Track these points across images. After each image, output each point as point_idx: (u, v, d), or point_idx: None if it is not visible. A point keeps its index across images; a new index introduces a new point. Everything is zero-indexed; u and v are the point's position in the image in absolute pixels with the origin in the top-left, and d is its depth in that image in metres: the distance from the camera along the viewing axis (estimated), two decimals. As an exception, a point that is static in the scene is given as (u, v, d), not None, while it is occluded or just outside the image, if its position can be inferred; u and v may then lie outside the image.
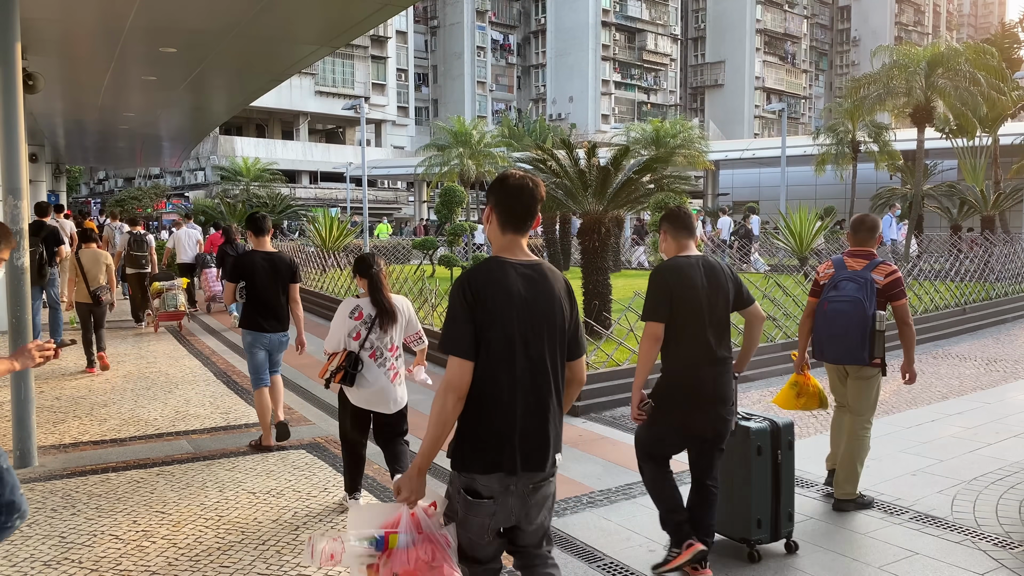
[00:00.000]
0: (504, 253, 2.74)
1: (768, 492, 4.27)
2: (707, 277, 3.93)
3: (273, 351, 6.25)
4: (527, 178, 2.78)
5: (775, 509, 4.29)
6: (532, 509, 2.75)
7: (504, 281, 2.66)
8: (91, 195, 63.78)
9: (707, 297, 3.90)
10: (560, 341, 2.77)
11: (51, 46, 10.38)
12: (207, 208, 30.25)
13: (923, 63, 22.37)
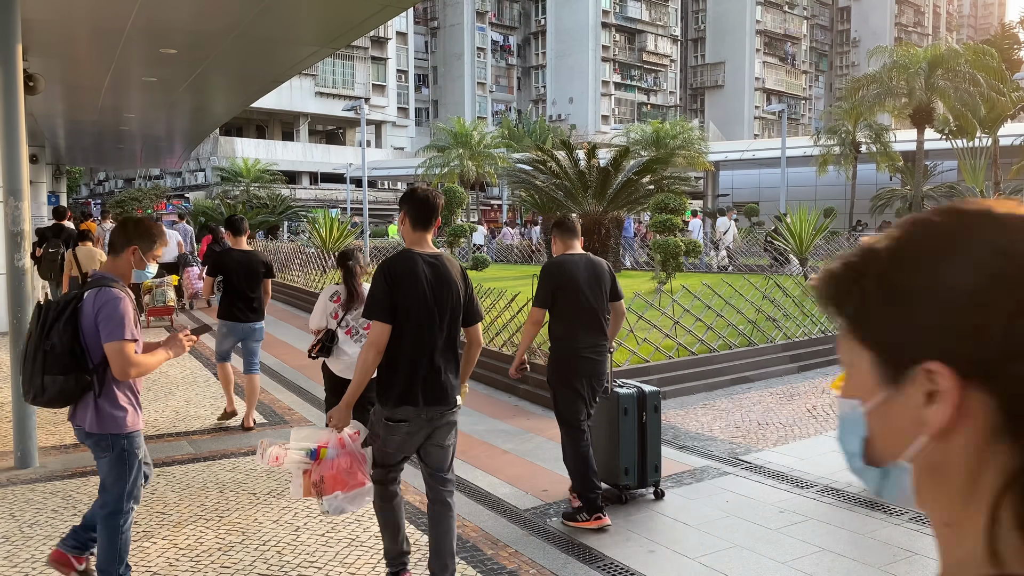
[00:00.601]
0: (415, 247, 3.69)
1: (634, 446, 5.16)
2: (587, 272, 4.76)
3: (246, 338, 7.02)
4: (430, 191, 3.81)
5: (641, 461, 5.18)
6: (438, 432, 3.71)
7: (414, 268, 3.58)
8: (91, 196, 63.78)
9: (588, 288, 4.73)
10: (456, 313, 3.68)
11: (52, 47, 10.39)
12: (207, 209, 30.31)
13: (923, 64, 22.39)
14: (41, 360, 3.42)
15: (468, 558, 4.35)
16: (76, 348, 3.44)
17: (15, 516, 4.93)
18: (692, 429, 7.08)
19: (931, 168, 30.00)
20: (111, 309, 3.42)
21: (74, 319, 3.46)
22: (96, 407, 3.50)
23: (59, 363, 3.41)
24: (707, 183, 41.01)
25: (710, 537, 4.68)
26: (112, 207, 39.70)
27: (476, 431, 7.03)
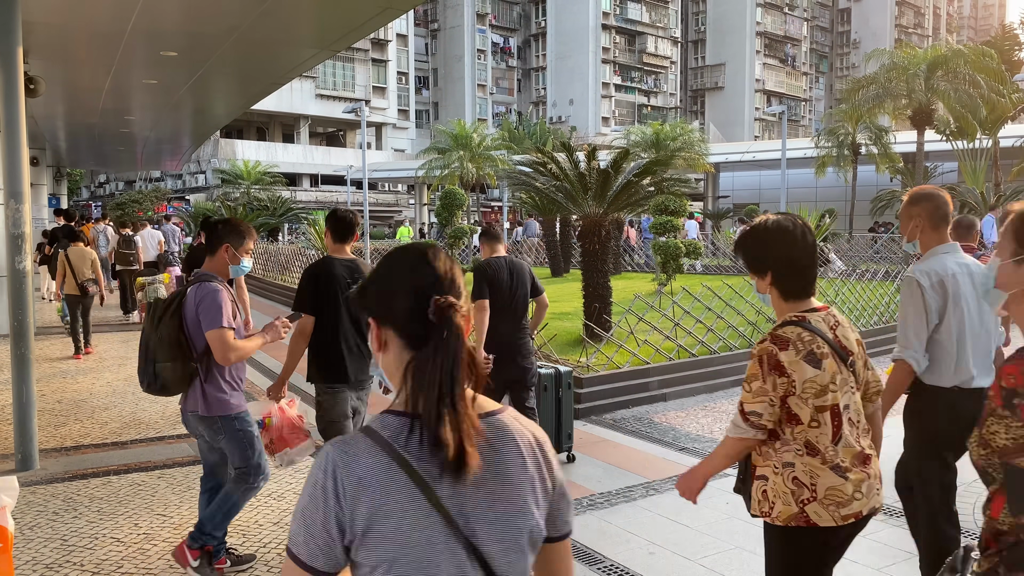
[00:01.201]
0: (335, 254, 4.60)
1: (552, 417, 6.08)
2: (510, 271, 5.49)
3: None
4: (349, 212, 4.68)
5: (557, 430, 6.09)
6: (361, 404, 4.61)
7: (332, 270, 4.45)
8: (92, 198, 63.80)
9: (509, 285, 5.44)
10: None
11: (52, 50, 10.41)
12: (208, 211, 30.31)
13: (922, 65, 22.39)
14: (153, 350, 3.84)
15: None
16: (181, 338, 3.82)
17: (16, 519, 4.93)
18: (692, 431, 7.08)
19: (931, 169, 29.98)
20: (210, 301, 3.78)
21: (179, 312, 3.84)
22: (203, 392, 3.87)
23: (166, 351, 3.82)
24: (707, 185, 41.02)
25: (710, 539, 4.68)
26: (113, 209, 39.72)
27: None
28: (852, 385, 2.55)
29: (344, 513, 1.32)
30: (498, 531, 1.37)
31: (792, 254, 2.53)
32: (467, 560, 1.34)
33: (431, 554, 1.32)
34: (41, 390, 8.32)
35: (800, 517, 2.49)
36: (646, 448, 6.47)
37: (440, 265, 1.45)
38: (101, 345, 11.65)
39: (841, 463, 2.48)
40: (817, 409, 2.45)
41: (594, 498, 5.36)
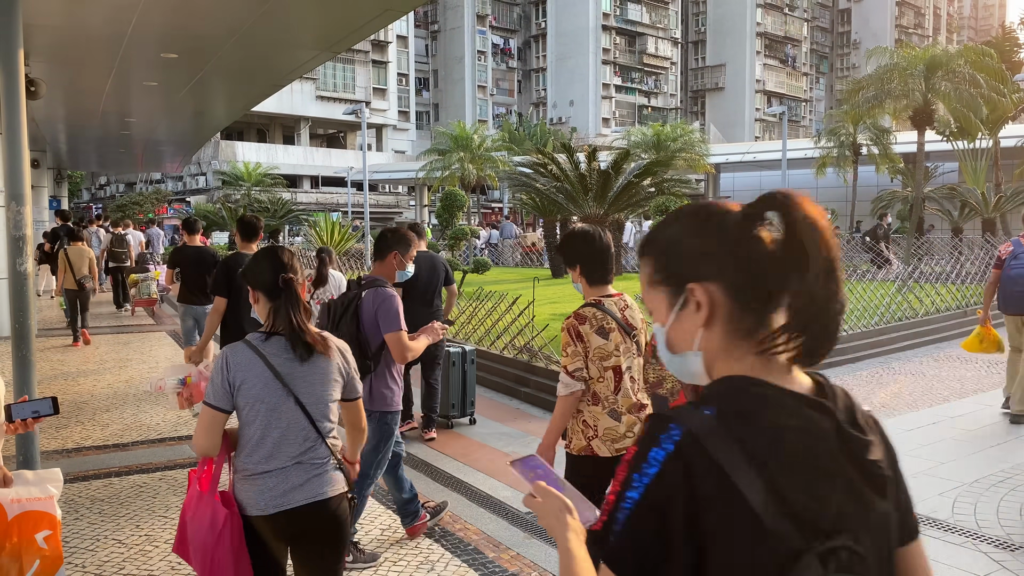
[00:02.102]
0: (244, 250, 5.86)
1: (459, 388, 7.27)
2: (427, 265, 6.60)
3: (199, 319, 8.24)
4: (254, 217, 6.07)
5: (463, 399, 7.30)
6: None
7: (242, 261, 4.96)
8: (92, 200, 63.83)
9: (426, 278, 6.57)
10: None
11: (53, 52, 10.42)
12: (208, 213, 30.33)
13: (921, 65, 22.39)
14: None
15: (470, 561, 4.35)
16: (360, 336, 4.16)
17: (17, 520, 4.94)
18: (693, 431, 7.08)
19: (932, 170, 29.96)
20: (388, 305, 4.13)
21: (356, 313, 4.19)
22: (370, 387, 4.19)
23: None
24: (708, 186, 41.02)
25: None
26: (113, 211, 39.75)
27: (477, 434, 7.03)
28: (634, 352, 3.43)
29: (230, 377, 2.61)
30: (313, 393, 2.68)
31: (592, 252, 3.33)
32: (294, 406, 2.64)
33: (276, 401, 2.63)
34: (42, 392, 8.31)
35: (587, 448, 3.37)
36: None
37: (285, 258, 2.74)
38: (102, 347, 11.69)
39: (617, 409, 3.35)
40: (604, 368, 3.34)
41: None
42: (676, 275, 1.19)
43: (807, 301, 1.08)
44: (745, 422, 1.07)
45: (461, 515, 5.05)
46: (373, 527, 4.86)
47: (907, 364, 10.29)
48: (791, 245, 1.10)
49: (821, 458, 1.09)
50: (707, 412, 1.08)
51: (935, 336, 11.80)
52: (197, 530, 2.60)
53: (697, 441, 1.05)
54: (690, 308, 1.17)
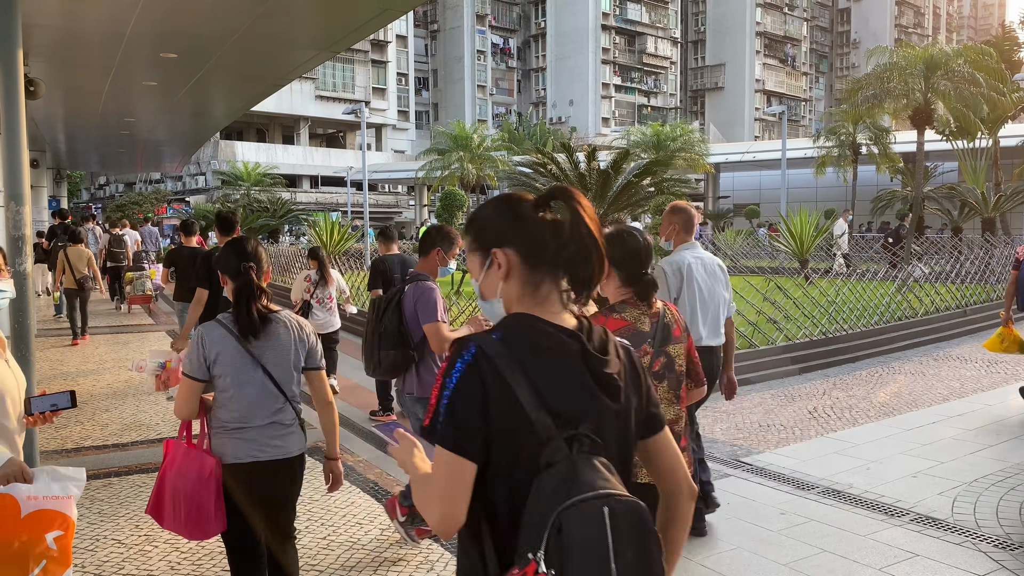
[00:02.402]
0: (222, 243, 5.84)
1: None
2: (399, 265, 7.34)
3: None
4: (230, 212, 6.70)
5: None
6: None
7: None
8: (92, 200, 63.82)
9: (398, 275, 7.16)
10: None
11: (52, 52, 10.41)
12: (208, 213, 30.29)
13: (920, 64, 22.39)
14: (377, 339, 4.42)
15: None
16: (402, 329, 4.36)
17: (17, 520, 4.94)
18: (693, 431, 7.09)
19: (932, 169, 29.97)
20: (427, 298, 4.30)
21: (399, 307, 4.39)
22: (418, 375, 4.39)
23: (390, 340, 4.39)
24: (707, 185, 41.02)
25: (711, 539, 4.68)
26: (113, 211, 39.75)
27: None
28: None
29: (205, 352, 3.02)
30: (276, 361, 3.09)
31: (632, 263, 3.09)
32: (262, 374, 3.06)
33: (247, 369, 3.04)
34: (41, 392, 8.32)
35: None
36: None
37: (250, 249, 3.18)
38: (101, 348, 11.70)
39: None
40: None
41: (595, 498, 5.36)
42: (485, 243, 1.66)
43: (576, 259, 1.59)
44: (518, 342, 1.57)
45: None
46: (372, 527, 4.86)
47: (906, 364, 10.30)
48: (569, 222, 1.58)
49: (568, 369, 1.57)
50: (495, 336, 1.58)
51: (934, 336, 11.80)
52: (185, 482, 3.01)
53: (485, 354, 1.54)
54: (494, 268, 1.64)
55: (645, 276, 2.99)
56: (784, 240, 18.55)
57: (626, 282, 2.97)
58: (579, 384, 1.57)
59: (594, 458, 1.52)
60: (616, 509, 1.45)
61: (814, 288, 11.79)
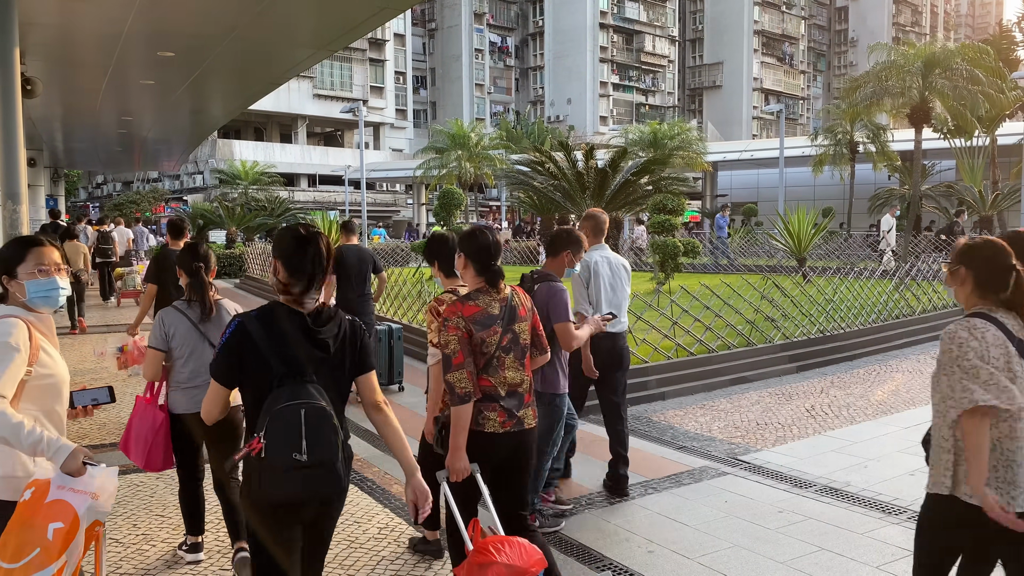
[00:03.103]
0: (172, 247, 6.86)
1: (386, 359, 8.59)
2: (356, 256, 8.21)
3: None
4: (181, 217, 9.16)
5: (390, 368, 8.63)
6: None
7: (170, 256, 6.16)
8: (89, 199, 63.75)
9: (354, 265, 8.11)
10: None
11: (49, 50, 10.40)
12: (206, 212, 30.26)
13: (918, 63, 22.40)
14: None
15: (467, 559, 4.35)
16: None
17: (14, 519, 4.94)
18: (691, 429, 7.09)
19: (929, 167, 29.98)
20: (559, 299, 4.49)
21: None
22: (541, 373, 4.46)
23: None
24: (705, 183, 41.03)
25: (709, 537, 4.68)
26: (111, 210, 39.71)
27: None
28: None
29: (165, 330, 4.07)
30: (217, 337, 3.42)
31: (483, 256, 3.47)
32: (208, 346, 4.07)
33: (196, 342, 4.11)
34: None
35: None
36: (644, 447, 6.47)
37: (202, 252, 4.22)
38: (97, 346, 11.75)
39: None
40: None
41: (592, 497, 5.37)
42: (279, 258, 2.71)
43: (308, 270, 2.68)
44: (263, 316, 2.66)
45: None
46: (371, 525, 4.86)
47: (904, 362, 10.31)
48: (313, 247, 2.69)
49: (291, 333, 2.63)
50: (253, 313, 2.68)
51: (932, 334, 11.81)
52: (142, 429, 4.19)
53: (243, 322, 2.63)
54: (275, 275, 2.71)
55: (493, 267, 3.48)
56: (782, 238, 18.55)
57: (479, 272, 3.47)
58: (299, 343, 2.64)
59: (308, 384, 2.61)
60: (308, 410, 2.57)
61: (812, 286, 11.80)
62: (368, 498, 5.33)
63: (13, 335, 2.65)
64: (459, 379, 3.30)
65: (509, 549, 2.95)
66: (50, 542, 2.50)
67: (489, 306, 3.43)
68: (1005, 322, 2.74)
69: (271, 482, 2.59)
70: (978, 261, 2.86)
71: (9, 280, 2.84)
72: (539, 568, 2.97)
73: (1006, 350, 2.69)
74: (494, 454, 3.42)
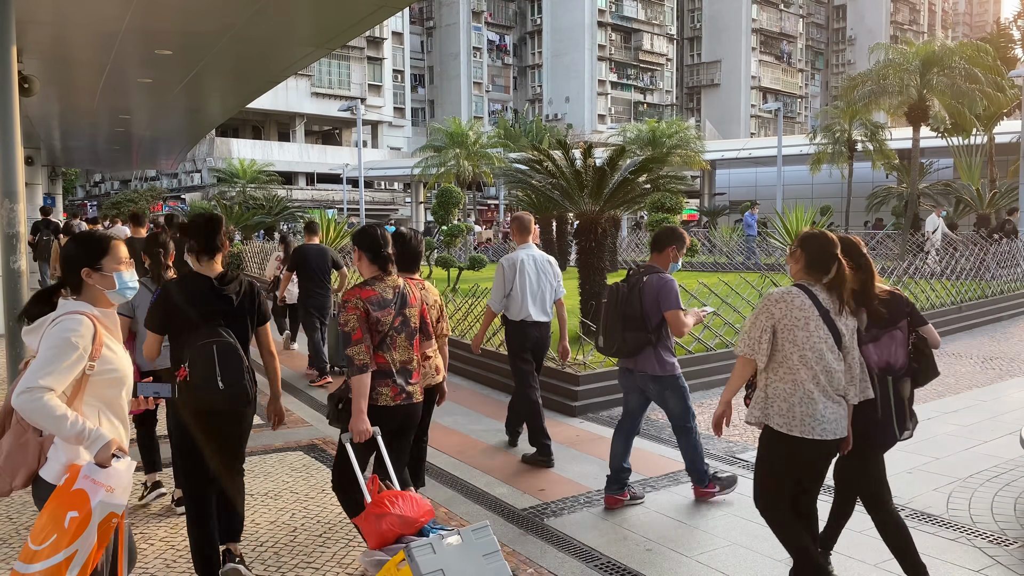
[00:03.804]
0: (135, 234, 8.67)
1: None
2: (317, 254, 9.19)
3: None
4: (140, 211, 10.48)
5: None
6: None
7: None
8: (87, 198, 63.64)
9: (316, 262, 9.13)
10: None
11: (47, 49, 10.38)
12: (204, 210, 30.21)
13: (916, 61, 22.40)
14: (622, 322, 5.00)
15: (465, 558, 4.35)
16: (642, 313, 4.95)
17: (12, 519, 4.93)
18: (689, 428, 7.09)
19: (927, 166, 29.97)
20: (669, 288, 4.95)
21: (639, 295, 4.97)
22: (657, 356, 5.01)
23: (634, 323, 4.97)
24: (703, 182, 40.99)
25: (707, 535, 4.69)
26: (108, 209, 39.67)
27: (472, 430, 7.03)
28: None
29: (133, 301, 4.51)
30: None
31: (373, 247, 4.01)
32: None
33: None
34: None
35: None
36: (642, 445, 6.47)
37: (161, 240, 5.06)
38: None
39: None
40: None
41: (591, 495, 5.37)
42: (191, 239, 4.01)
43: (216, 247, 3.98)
44: (180, 281, 3.96)
45: (457, 512, 5.06)
46: (369, 524, 4.86)
47: (902, 360, 10.30)
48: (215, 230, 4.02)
49: (202, 295, 3.82)
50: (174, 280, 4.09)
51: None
52: None
53: (166, 286, 3.97)
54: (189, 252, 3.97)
55: (383, 254, 4.03)
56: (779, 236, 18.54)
57: (372, 261, 4.01)
58: (209, 300, 3.79)
59: (220, 328, 3.75)
60: (220, 347, 3.70)
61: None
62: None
63: (78, 332, 2.75)
64: (357, 352, 3.81)
65: (402, 502, 3.43)
66: (65, 530, 2.54)
67: (384, 291, 4.00)
68: (818, 295, 3.58)
69: (196, 398, 3.73)
70: (812, 246, 3.65)
71: (91, 272, 2.90)
72: (427, 518, 3.46)
73: (807, 313, 3.54)
74: (387, 424, 3.93)
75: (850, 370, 3.60)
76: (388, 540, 3.36)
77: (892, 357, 3.70)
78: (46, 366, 2.67)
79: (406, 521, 3.37)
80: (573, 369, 7.92)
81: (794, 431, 3.53)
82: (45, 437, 2.80)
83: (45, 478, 2.77)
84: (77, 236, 3.08)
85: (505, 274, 6.09)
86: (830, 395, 3.55)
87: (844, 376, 3.59)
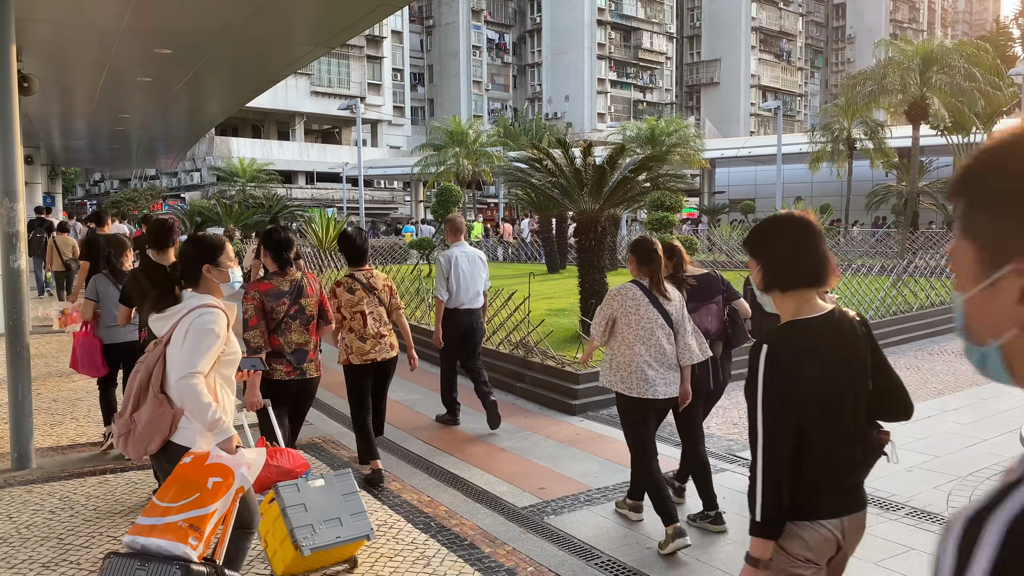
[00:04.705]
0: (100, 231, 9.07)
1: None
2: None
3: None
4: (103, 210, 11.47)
5: None
6: None
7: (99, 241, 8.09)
8: (87, 196, 63.60)
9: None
10: None
11: (46, 48, 10.37)
12: (203, 209, 30.20)
13: (916, 59, 22.40)
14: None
15: (466, 556, 4.35)
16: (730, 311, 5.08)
17: (12, 518, 4.93)
18: (689, 426, 7.09)
19: (927, 164, 29.99)
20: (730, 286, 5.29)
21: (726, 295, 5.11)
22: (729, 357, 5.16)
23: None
24: (703, 180, 41.00)
25: (707, 533, 4.69)
26: (108, 208, 39.65)
27: (473, 429, 7.03)
28: (376, 302, 5.57)
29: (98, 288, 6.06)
30: None
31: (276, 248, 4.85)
32: None
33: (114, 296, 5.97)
34: (37, 389, 8.29)
35: (347, 360, 5.54)
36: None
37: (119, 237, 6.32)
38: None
39: (364, 336, 5.48)
40: (353, 313, 5.49)
41: (591, 494, 5.37)
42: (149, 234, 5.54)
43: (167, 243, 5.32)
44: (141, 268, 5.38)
45: (457, 510, 5.06)
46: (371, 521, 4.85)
47: (901, 358, 10.32)
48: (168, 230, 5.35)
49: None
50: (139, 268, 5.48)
51: (929, 330, 11.83)
52: (85, 351, 5.97)
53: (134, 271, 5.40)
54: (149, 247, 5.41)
55: (284, 256, 4.83)
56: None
57: (274, 260, 4.83)
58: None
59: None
60: None
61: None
62: (365, 495, 5.33)
63: (220, 324, 3.24)
64: (253, 336, 4.65)
65: (281, 457, 4.18)
66: (208, 491, 3.05)
67: (280, 284, 4.81)
68: (648, 287, 4.45)
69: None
70: (638, 249, 4.49)
71: (211, 268, 3.35)
72: (303, 470, 4.16)
73: (638, 301, 4.41)
74: (281, 394, 4.82)
75: (683, 338, 4.47)
76: (266, 486, 3.98)
77: (708, 324, 4.77)
78: (196, 354, 3.16)
79: (283, 471, 4.09)
80: (573, 368, 7.92)
81: (632, 392, 4.39)
82: (178, 408, 3.24)
83: (178, 442, 3.23)
84: (194, 238, 3.54)
85: (442, 267, 6.90)
86: (661, 364, 4.41)
87: (675, 348, 4.46)
